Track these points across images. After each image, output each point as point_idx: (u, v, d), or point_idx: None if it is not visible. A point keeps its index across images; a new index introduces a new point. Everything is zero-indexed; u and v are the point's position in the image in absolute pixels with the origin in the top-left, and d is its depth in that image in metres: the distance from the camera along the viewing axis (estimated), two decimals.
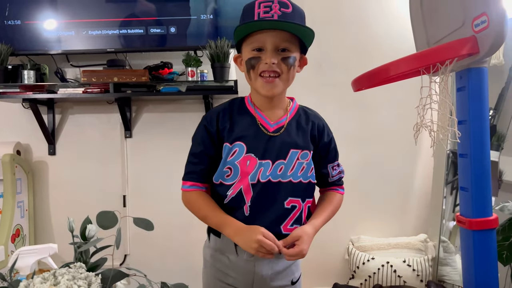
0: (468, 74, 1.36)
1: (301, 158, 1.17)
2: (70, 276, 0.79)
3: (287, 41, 1.12)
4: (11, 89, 2.28)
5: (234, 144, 1.14)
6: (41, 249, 1.17)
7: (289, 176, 1.15)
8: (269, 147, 1.15)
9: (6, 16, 2.26)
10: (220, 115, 1.18)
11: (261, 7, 1.08)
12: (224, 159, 1.15)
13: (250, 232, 1.07)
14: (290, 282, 1.21)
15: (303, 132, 1.21)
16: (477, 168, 1.38)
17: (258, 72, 1.12)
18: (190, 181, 1.19)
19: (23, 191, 2.40)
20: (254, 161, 1.13)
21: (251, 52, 1.12)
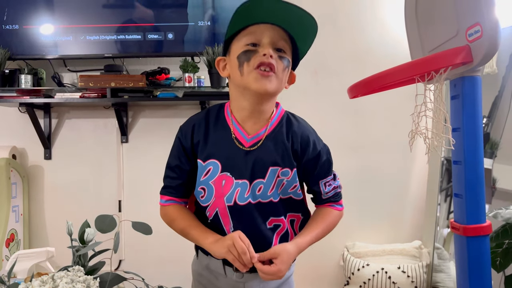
0: (462, 82, 1.39)
1: (281, 176, 1.05)
2: (68, 279, 0.80)
3: (284, 40, 1.02)
4: (8, 93, 2.28)
5: (207, 162, 1.04)
6: (39, 253, 1.17)
7: (269, 196, 1.04)
8: (244, 165, 1.03)
9: (4, 20, 2.27)
10: (195, 127, 1.07)
11: None
12: (198, 178, 1.06)
13: (226, 238, 0.99)
14: None
15: (282, 146, 1.06)
16: (471, 175, 1.40)
17: (254, 65, 0.97)
18: (167, 196, 1.13)
19: (18, 196, 2.39)
20: (230, 181, 1.03)
21: (244, 47, 1.00)
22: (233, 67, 1.02)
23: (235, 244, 0.94)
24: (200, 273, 1.15)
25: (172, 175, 1.11)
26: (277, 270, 0.95)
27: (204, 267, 1.12)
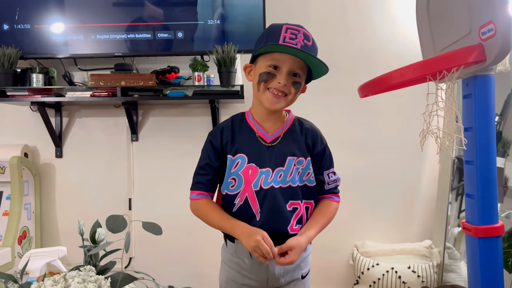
0: (475, 81, 1.37)
1: (297, 164, 1.29)
2: (80, 279, 0.81)
3: (301, 68, 1.25)
4: (20, 92, 2.30)
5: (236, 156, 1.28)
6: (51, 252, 1.18)
7: (288, 181, 1.27)
8: (267, 157, 1.27)
9: (16, 20, 2.29)
10: (223, 131, 1.31)
11: (287, 33, 1.21)
12: (228, 171, 1.28)
13: (253, 233, 1.17)
14: (300, 277, 1.32)
15: (298, 141, 1.32)
16: (483, 175, 1.38)
17: (268, 86, 1.24)
18: (197, 190, 1.31)
19: (30, 193, 2.43)
20: (256, 170, 1.26)
21: (267, 68, 1.23)
22: (254, 79, 1.27)
23: (260, 247, 1.13)
24: (229, 258, 1.33)
25: (202, 172, 1.31)
26: (290, 260, 1.17)
27: (233, 252, 1.31)
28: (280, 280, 1.29)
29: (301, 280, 1.33)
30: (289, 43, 1.19)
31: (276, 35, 1.21)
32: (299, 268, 1.32)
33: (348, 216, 2.56)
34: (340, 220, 2.53)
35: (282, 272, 1.28)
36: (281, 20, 2.55)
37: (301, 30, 1.24)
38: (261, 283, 1.29)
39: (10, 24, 2.30)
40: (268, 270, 1.27)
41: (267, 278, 1.28)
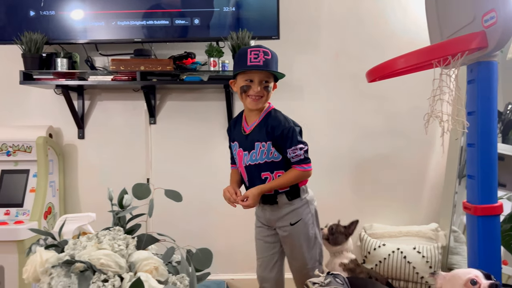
0: (478, 67, 1.44)
1: (262, 147, 1.73)
2: (111, 237, 0.92)
3: (267, 77, 1.71)
4: (45, 75, 2.43)
5: (234, 142, 1.83)
6: (82, 217, 1.30)
7: (257, 159, 1.74)
8: (246, 143, 1.76)
9: (42, 6, 2.40)
10: (231, 123, 1.90)
11: (251, 54, 1.66)
12: (231, 152, 1.88)
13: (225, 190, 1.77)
14: (288, 224, 1.78)
15: (262, 130, 1.74)
16: (484, 157, 1.45)
17: (247, 94, 1.71)
18: (231, 164, 1.93)
19: (55, 172, 2.56)
20: (242, 153, 1.78)
21: (244, 82, 1.71)
22: (238, 90, 1.76)
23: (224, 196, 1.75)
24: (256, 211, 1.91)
25: (230, 152, 1.89)
26: (247, 204, 1.70)
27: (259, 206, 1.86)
28: (275, 223, 1.81)
29: (290, 226, 1.78)
30: (254, 63, 1.66)
31: (244, 58, 1.67)
32: (288, 218, 1.77)
33: (357, 199, 2.64)
34: (349, 203, 2.64)
35: (274, 218, 1.79)
36: (294, 7, 2.63)
37: (261, 50, 1.67)
38: (266, 222, 1.84)
39: (36, 10, 2.41)
40: (266, 214, 1.81)
41: (267, 219, 1.82)
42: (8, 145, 2.43)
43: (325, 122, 2.63)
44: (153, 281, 0.84)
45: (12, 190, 2.43)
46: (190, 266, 0.96)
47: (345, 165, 2.64)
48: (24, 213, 2.37)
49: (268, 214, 1.81)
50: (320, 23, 2.62)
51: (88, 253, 0.85)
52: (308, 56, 2.61)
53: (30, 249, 0.94)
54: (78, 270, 0.83)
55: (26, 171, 2.46)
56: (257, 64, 1.66)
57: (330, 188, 2.61)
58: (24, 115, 2.66)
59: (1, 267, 2.21)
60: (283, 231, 1.80)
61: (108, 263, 0.84)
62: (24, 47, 2.37)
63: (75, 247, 0.89)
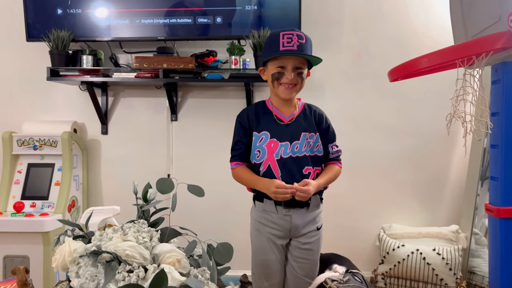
0: (503, 67, 1.41)
1: (309, 138, 1.61)
2: (135, 229, 0.94)
3: (301, 63, 1.57)
4: (71, 72, 2.49)
5: (261, 132, 1.60)
6: (107, 210, 1.34)
7: (303, 152, 1.59)
8: (285, 133, 1.60)
9: (69, 5, 2.47)
10: (249, 113, 1.65)
11: (284, 38, 1.52)
12: (254, 144, 1.61)
13: (269, 185, 1.51)
14: (316, 228, 1.64)
15: (309, 120, 1.64)
16: (508, 158, 1.43)
17: (280, 82, 1.57)
18: (234, 161, 1.65)
19: (79, 166, 2.63)
20: (276, 144, 1.58)
21: (276, 69, 1.57)
22: (268, 79, 1.62)
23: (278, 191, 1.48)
24: (258, 215, 1.64)
25: (236, 147, 1.64)
26: (307, 188, 1.49)
27: (261, 210, 1.63)
28: (301, 230, 1.59)
29: (316, 231, 1.64)
30: (287, 47, 1.51)
31: (276, 43, 1.53)
32: (315, 222, 1.63)
33: (376, 199, 2.63)
34: (368, 203, 2.63)
35: (302, 223, 1.59)
36: (316, 6, 2.63)
37: (295, 33, 1.53)
38: (285, 233, 1.60)
39: (63, 8, 2.48)
40: (291, 222, 1.58)
41: (290, 228, 1.59)
42: (35, 140, 2.51)
43: (346, 121, 2.62)
44: (176, 273, 0.86)
45: (38, 183, 2.51)
46: (211, 260, 0.98)
47: (365, 164, 2.63)
48: (49, 205, 2.45)
49: (294, 219, 1.58)
50: (342, 21, 2.61)
51: (114, 244, 0.88)
52: (329, 55, 2.60)
53: (58, 239, 0.98)
54: (105, 260, 0.86)
55: (51, 165, 2.54)
56: (291, 48, 1.51)
57: (350, 187, 2.61)
58: (50, 110, 2.74)
59: (27, 257, 2.29)
60: (308, 238, 1.61)
61: (133, 254, 0.87)
62: (52, 44, 2.44)
63: (102, 238, 0.92)
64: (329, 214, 2.60)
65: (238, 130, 1.65)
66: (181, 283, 0.85)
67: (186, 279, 0.87)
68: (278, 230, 1.60)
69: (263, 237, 1.61)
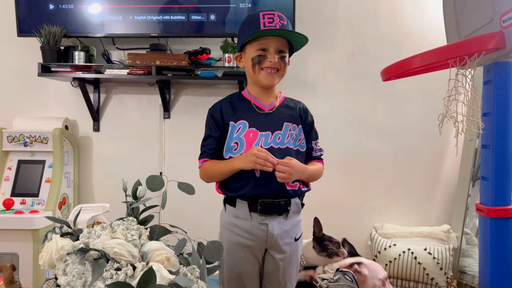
0: (495, 68, 1.42)
1: (291, 130, 1.46)
2: (124, 227, 0.93)
3: (284, 46, 1.43)
4: (63, 68, 2.47)
5: (238, 122, 1.43)
6: (96, 207, 1.33)
7: (285, 143, 1.43)
8: (266, 122, 1.44)
9: (61, 0, 2.44)
10: (222, 105, 1.49)
11: (265, 18, 1.38)
12: (230, 136, 1.43)
13: (248, 153, 1.35)
14: (293, 239, 1.47)
15: (292, 110, 1.50)
16: (499, 158, 1.44)
17: (262, 67, 1.41)
18: (203, 158, 1.48)
19: (70, 163, 2.61)
20: (256, 134, 1.41)
21: (256, 51, 1.40)
22: (247, 64, 1.45)
23: (257, 153, 1.31)
24: (229, 221, 1.46)
25: (205, 144, 1.49)
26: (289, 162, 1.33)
27: (233, 216, 1.45)
28: (278, 241, 1.42)
29: (294, 242, 1.47)
30: (269, 27, 1.36)
31: (256, 23, 1.38)
32: (294, 232, 1.46)
33: (369, 199, 2.63)
34: (361, 202, 2.63)
35: (280, 233, 1.41)
36: (310, 5, 2.62)
37: (276, 13, 1.39)
38: (260, 244, 1.42)
39: (56, 4, 2.45)
40: (268, 231, 1.40)
41: (266, 238, 1.41)
42: (25, 136, 2.48)
43: (339, 120, 2.62)
44: (165, 271, 0.85)
45: (28, 180, 2.48)
46: (201, 258, 0.97)
47: (358, 164, 2.63)
48: (39, 202, 2.43)
49: (271, 229, 1.40)
50: (336, 20, 2.61)
51: (102, 241, 0.87)
52: (323, 54, 2.61)
53: (46, 236, 0.96)
54: (92, 258, 0.85)
55: (42, 161, 2.52)
56: (272, 28, 1.36)
57: (342, 186, 2.61)
58: (41, 106, 2.71)
59: (16, 254, 2.27)
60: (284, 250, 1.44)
61: (121, 252, 0.86)
62: (43, 40, 2.41)
63: (90, 236, 0.91)
64: (321, 212, 2.61)
65: (209, 124, 1.48)
66: (170, 281, 0.84)
67: (175, 277, 0.86)
68: (251, 241, 1.41)
69: (235, 246, 1.42)
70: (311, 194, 1.72)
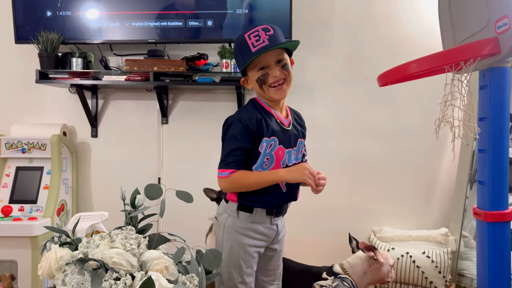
0: (491, 73, 1.43)
1: (300, 144, 1.56)
2: (123, 236, 0.94)
3: (280, 54, 1.44)
4: (61, 74, 2.47)
5: (271, 138, 1.44)
6: (95, 216, 1.33)
7: (298, 159, 1.55)
8: (288, 139, 1.49)
9: (59, 7, 2.45)
10: (256, 115, 1.44)
11: (251, 38, 1.40)
12: (264, 152, 1.44)
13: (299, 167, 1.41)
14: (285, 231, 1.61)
15: (300, 126, 1.59)
16: (495, 163, 1.45)
17: (269, 84, 1.44)
18: (230, 169, 1.42)
19: (68, 170, 2.61)
20: (284, 151, 1.47)
21: (258, 72, 1.44)
22: (255, 86, 1.48)
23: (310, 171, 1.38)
24: (243, 226, 1.48)
25: (235, 154, 1.43)
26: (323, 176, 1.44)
27: (249, 221, 1.48)
28: (279, 236, 1.56)
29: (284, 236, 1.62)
30: (258, 45, 1.39)
31: (245, 47, 1.41)
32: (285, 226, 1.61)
33: (367, 202, 2.64)
34: (359, 206, 2.64)
35: (282, 228, 1.56)
36: (307, 9, 2.63)
37: (259, 29, 1.41)
38: (268, 242, 1.54)
39: (53, 11, 2.45)
40: (277, 229, 1.53)
41: (275, 236, 1.53)
42: (23, 143, 2.48)
43: (336, 124, 2.63)
44: (164, 280, 0.86)
45: (27, 187, 2.48)
46: (200, 266, 0.97)
47: (356, 167, 2.64)
48: (37, 209, 2.42)
49: (279, 226, 1.55)
50: (333, 25, 2.62)
51: (101, 251, 0.88)
52: (320, 58, 2.62)
53: (45, 246, 0.97)
54: (91, 268, 0.86)
55: (40, 168, 2.52)
56: (262, 45, 1.38)
57: (340, 190, 2.62)
58: (39, 113, 2.72)
59: (15, 262, 2.26)
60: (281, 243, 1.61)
61: (120, 261, 0.86)
62: (41, 47, 2.42)
63: (89, 246, 0.91)
64: (320, 216, 2.62)
65: (242, 134, 1.42)
66: None
67: (174, 286, 0.86)
68: (263, 241, 1.52)
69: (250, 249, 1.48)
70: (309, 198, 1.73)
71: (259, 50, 1.38)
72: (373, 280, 1.98)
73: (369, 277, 1.96)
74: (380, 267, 1.96)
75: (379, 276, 1.97)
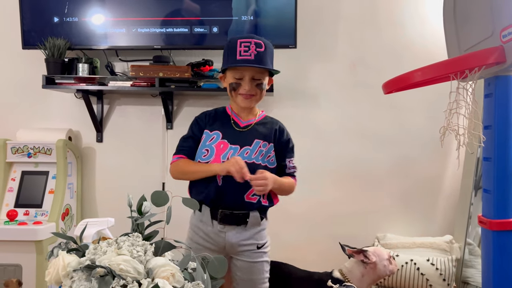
0: (496, 81, 1.43)
1: (262, 147, 1.56)
2: (129, 243, 0.94)
3: (260, 73, 1.51)
4: (67, 80, 2.49)
5: (213, 132, 1.56)
6: (101, 222, 1.34)
7: (252, 158, 1.53)
8: (238, 137, 1.55)
9: (65, 13, 2.47)
10: (207, 114, 1.63)
11: (241, 46, 1.46)
12: (204, 143, 1.56)
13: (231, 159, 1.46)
14: (256, 247, 1.57)
15: (267, 130, 1.61)
16: (500, 171, 1.44)
17: (238, 93, 1.53)
18: (178, 154, 1.59)
19: (73, 174, 2.62)
20: (226, 145, 1.53)
21: (233, 79, 1.52)
22: (227, 87, 1.57)
23: (238, 162, 1.42)
24: (195, 224, 1.60)
25: (185, 144, 1.60)
26: (263, 175, 1.44)
27: (199, 219, 1.58)
28: (236, 248, 1.54)
29: (257, 250, 1.57)
30: (244, 57, 1.45)
31: (234, 51, 1.47)
32: (254, 239, 1.56)
33: (371, 209, 2.64)
34: (363, 212, 2.64)
35: (237, 241, 1.53)
36: (312, 16, 2.64)
37: (253, 41, 1.46)
38: (220, 249, 1.54)
39: (60, 17, 2.48)
40: (226, 238, 1.53)
41: (225, 245, 1.54)
42: (29, 147, 2.49)
43: (340, 131, 2.63)
44: (170, 287, 0.86)
45: (32, 191, 2.49)
46: (205, 274, 0.98)
47: (360, 174, 2.64)
48: (42, 213, 2.44)
49: (229, 237, 1.53)
50: (337, 32, 2.63)
51: (108, 258, 0.88)
52: (324, 65, 2.62)
53: (52, 252, 0.97)
54: (99, 274, 0.86)
55: (45, 172, 2.53)
56: (247, 58, 1.44)
57: (344, 197, 2.62)
58: (45, 118, 2.73)
59: (19, 266, 2.27)
60: (247, 257, 1.55)
61: (127, 268, 0.86)
62: (48, 52, 2.44)
63: (96, 252, 0.91)
64: (323, 223, 2.61)
65: (193, 127, 1.62)
66: None
67: None
68: (212, 245, 1.55)
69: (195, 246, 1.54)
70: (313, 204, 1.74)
71: (242, 62, 1.45)
72: (373, 280, 1.99)
73: (369, 278, 1.96)
74: (375, 266, 1.95)
75: (377, 274, 1.96)
